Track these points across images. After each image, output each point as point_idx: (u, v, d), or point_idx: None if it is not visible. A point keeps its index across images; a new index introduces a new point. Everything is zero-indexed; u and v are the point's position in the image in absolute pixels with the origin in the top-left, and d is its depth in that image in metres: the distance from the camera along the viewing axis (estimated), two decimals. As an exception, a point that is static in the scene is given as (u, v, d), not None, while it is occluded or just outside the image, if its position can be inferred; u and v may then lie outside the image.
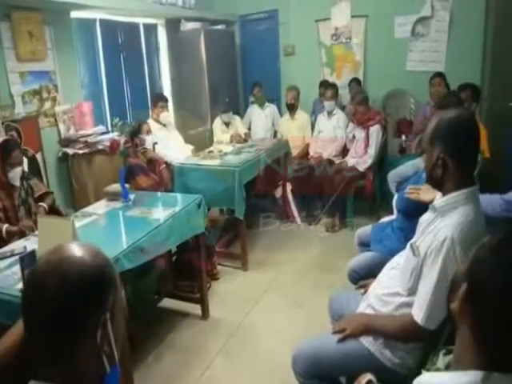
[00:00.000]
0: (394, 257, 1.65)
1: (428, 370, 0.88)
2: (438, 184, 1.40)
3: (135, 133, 3.32)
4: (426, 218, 1.46)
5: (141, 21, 4.78)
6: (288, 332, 2.50)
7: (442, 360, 0.85)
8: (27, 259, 1.70)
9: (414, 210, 2.03)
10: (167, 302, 2.84)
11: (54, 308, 0.73)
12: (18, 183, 2.63)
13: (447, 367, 0.85)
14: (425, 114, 3.75)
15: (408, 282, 1.40)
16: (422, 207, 1.91)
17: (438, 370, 0.85)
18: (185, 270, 2.87)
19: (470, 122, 1.36)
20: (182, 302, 2.80)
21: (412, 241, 1.46)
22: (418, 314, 1.33)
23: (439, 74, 3.80)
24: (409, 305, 1.39)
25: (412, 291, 1.39)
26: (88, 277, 0.75)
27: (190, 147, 4.12)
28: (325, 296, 2.59)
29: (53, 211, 2.83)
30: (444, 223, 1.32)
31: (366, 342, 1.46)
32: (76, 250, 0.79)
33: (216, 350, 2.40)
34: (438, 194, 1.44)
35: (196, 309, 2.72)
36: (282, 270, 3.26)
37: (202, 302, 2.69)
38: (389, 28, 4.83)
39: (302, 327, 2.53)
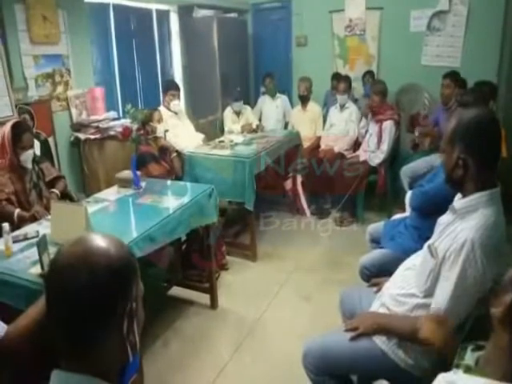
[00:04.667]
0: (410, 257, 1.63)
1: (457, 367, 0.87)
2: (458, 185, 1.37)
3: (147, 120, 3.30)
4: (444, 219, 1.44)
5: (153, 7, 4.73)
6: (296, 325, 2.51)
7: (470, 355, 0.85)
8: (42, 244, 1.69)
9: (429, 209, 2.02)
10: (176, 291, 2.86)
11: (83, 303, 0.72)
12: (29, 166, 2.62)
13: (476, 363, 0.84)
14: (437, 116, 3.69)
15: (425, 284, 1.38)
16: (437, 206, 1.89)
17: (467, 366, 0.84)
18: (195, 259, 2.87)
19: (491, 121, 1.34)
20: (190, 291, 2.81)
21: (430, 242, 1.44)
22: None
23: (450, 74, 3.66)
24: (425, 306, 1.38)
25: (429, 293, 1.37)
26: (115, 269, 0.75)
27: (201, 136, 4.10)
28: (334, 291, 2.59)
29: (65, 196, 2.83)
30: (464, 225, 1.30)
31: (380, 341, 1.45)
32: (100, 242, 0.77)
33: (223, 340, 2.41)
34: (458, 195, 1.42)
35: (204, 298, 2.73)
36: (291, 262, 3.25)
37: (211, 291, 2.70)
38: (404, 21, 4.76)
39: (310, 322, 2.54)
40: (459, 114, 1.38)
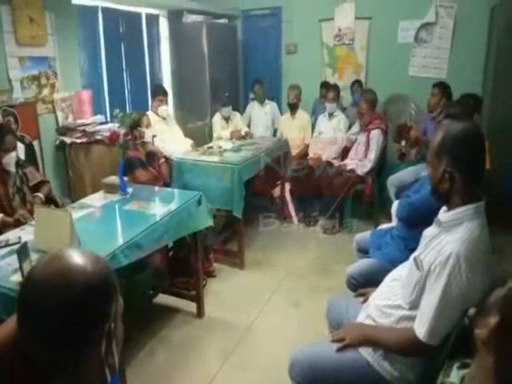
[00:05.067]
0: (396, 268, 1.63)
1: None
2: (443, 198, 1.39)
3: (135, 125, 3.27)
4: (430, 231, 1.44)
5: (143, 11, 4.71)
6: (285, 333, 2.49)
7: (456, 373, 0.85)
8: (23, 252, 1.64)
9: (415, 219, 2.04)
10: (162, 298, 2.81)
11: (59, 321, 0.69)
12: (13, 169, 2.57)
13: (462, 382, 0.84)
14: (425, 126, 3.74)
15: (410, 296, 1.38)
16: (423, 216, 1.91)
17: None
18: (181, 267, 2.83)
19: (476, 135, 1.36)
20: (177, 299, 2.77)
21: (415, 254, 1.44)
22: (421, 329, 1.31)
23: (439, 84, 3.72)
24: (410, 318, 1.38)
25: (414, 305, 1.37)
26: (93, 287, 0.72)
27: (190, 142, 4.08)
28: (323, 298, 2.58)
29: (49, 201, 2.78)
30: (449, 238, 1.30)
31: (365, 352, 1.44)
32: (77, 258, 0.74)
33: (211, 350, 2.38)
34: (443, 208, 1.42)
35: (191, 306, 2.69)
36: (279, 270, 3.23)
37: (198, 300, 2.66)
38: (392, 32, 4.84)
39: (299, 328, 2.52)
40: (446, 127, 1.39)
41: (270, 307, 2.77)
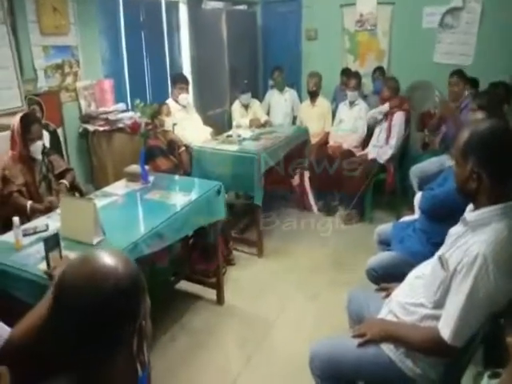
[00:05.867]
0: (419, 265, 1.61)
1: None
2: (470, 197, 1.36)
3: (155, 114, 3.29)
4: (455, 230, 1.42)
5: (163, -3, 4.69)
6: (303, 325, 2.51)
7: (487, 382, 0.83)
8: (51, 242, 1.68)
9: (439, 213, 2.01)
10: (183, 285, 2.87)
11: (92, 323, 0.71)
12: (39, 157, 2.63)
13: None
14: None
15: (434, 295, 1.37)
16: (447, 210, 1.88)
17: None
18: (201, 254, 2.87)
19: (504, 133, 1.31)
20: (197, 286, 2.82)
21: (440, 253, 1.43)
22: (445, 330, 1.29)
23: (456, 72, 3.60)
24: (434, 317, 1.37)
25: (438, 304, 1.36)
26: (123, 289, 0.74)
27: (209, 130, 4.09)
28: (341, 292, 2.59)
29: (73, 188, 2.85)
30: (476, 239, 1.28)
31: (387, 349, 1.44)
32: (107, 260, 0.76)
33: (229, 337, 2.43)
34: (470, 206, 1.40)
35: (211, 293, 2.74)
36: (298, 260, 3.24)
37: (218, 287, 2.71)
38: (416, 17, 4.70)
39: (316, 321, 2.54)
40: (473, 125, 1.36)
41: (288, 298, 2.78)
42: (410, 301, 1.46)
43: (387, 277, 2.07)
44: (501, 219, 1.28)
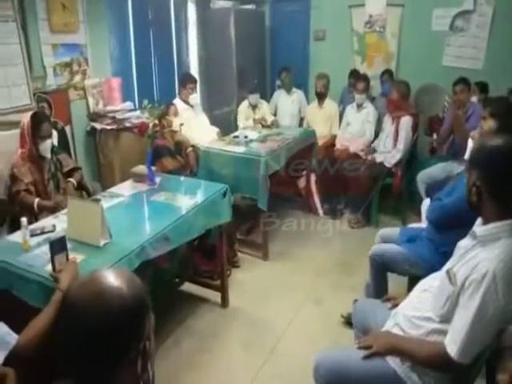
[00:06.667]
0: (426, 278, 1.60)
1: None
2: (475, 210, 1.36)
3: (163, 114, 3.30)
4: (464, 243, 1.41)
5: (172, -4, 4.68)
6: (306, 329, 2.51)
7: None
8: (57, 245, 1.67)
9: (446, 223, 2.00)
10: (188, 286, 2.87)
11: (97, 343, 0.71)
12: (48, 155, 2.64)
13: None
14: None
15: (442, 309, 1.35)
16: (455, 220, 1.87)
17: None
18: (206, 256, 2.88)
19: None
20: (202, 288, 2.82)
21: (448, 266, 1.41)
22: (452, 347, 1.28)
23: (461, 80, 3.47)
24: (441, 332, 1.35)
25: (445, 319, 1.35)
26: (129, 309, 0.74)
27: (216, 130, 4.09)
28: (346, 296, 2.61)
29: (81, 187, 2.85)
30: (485, 254, 1.27)
31: (393, 362, 1.43)
32: (113, 280, 0.76)
33: (234, 340, 2.43)
34: (479, 219, 1.39)
35: (215, 296, 2.74)
36: (303, 264, 3.23)
37: (223, 289, 2.70)
38: (426, 19, 4.65)
39: (321, 326, 2.54)
40: (483, 139, 1.37)
41: (293, 302, 2.77)
42: (417, 314, 1.45)
43: (386, 267, 2.19)
44: (510, 235, 1.27)
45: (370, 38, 5.12)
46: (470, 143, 2.47)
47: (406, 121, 3.68)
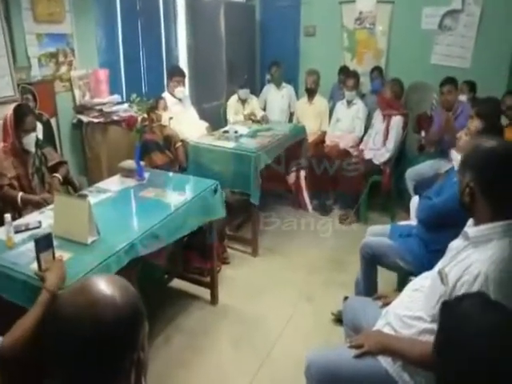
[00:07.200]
0: (417, 278, 1.61)
1: None
2: (467, 211, 1.37)
3: (152, 108, 3.23)
4: (456, 244, 1.42)
5: (161, -14, 4.59)
6: (297, 326, 2.50)
7: None
8: (43, 242, 1.61)
9: (436, 222, 2.02)
10: (177, 283, 2.84)
11: (89, 355, 0.69)
12: (33, 149, 2.57)
13: None
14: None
15: (433, 309, 1.36)
16: (444, 219, 1.89)
17: None
18: (195, 252, 2.84)
19: (506, 156, 1.29)
20: (191, 285, 2.79)
21: (440, 267, 1.42)
22: None
23: (448, 81, 3.46)
24: (432, 332, 1.32)
25: (436, 318, 1.34)
26: (122, 320, 0.71)
27: (205, 124, 4.04)
28: (337, 293, 2.61)
29: (67, 182, 2.79)
30: (477, 256, 1.27)
31: (384, 361, 1.43)
32: (106, 289, 0.73)
33: (224, 337, 2.41)
34: (471, 220, 1.40)
35: (205, 292, 2.71)
36: (293, 260, 3.22)
37: (212, 286, 2.68)
38: (415, 18, 4.66)
39: (312, 322, 2.54)
40: (478, 140, 1.38)
41: (283, 299, 2.76)
42: (408, 314, 1.45)
43: (375, 259, 2.23)
44: (503, 236, 1.27)
45: (360, 34, 5.11)
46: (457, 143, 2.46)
47: (397, 121, 3.69)
